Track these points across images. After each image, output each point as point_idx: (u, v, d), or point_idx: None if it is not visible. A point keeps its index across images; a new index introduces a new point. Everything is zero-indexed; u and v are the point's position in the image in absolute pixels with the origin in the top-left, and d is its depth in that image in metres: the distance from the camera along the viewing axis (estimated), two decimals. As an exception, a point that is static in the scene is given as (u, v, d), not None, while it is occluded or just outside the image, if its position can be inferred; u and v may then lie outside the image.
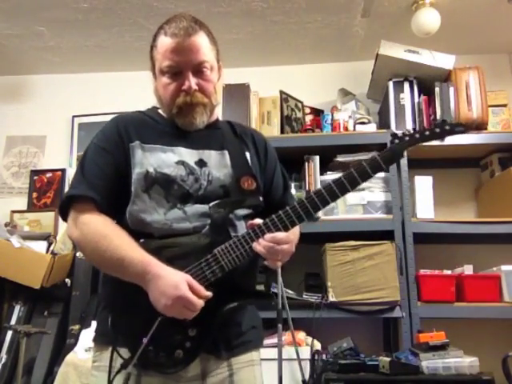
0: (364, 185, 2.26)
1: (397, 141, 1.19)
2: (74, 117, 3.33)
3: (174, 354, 1.10)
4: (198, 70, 1.23)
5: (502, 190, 2.68)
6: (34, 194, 3.24)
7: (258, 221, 1.15)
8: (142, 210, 1.17)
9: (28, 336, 2.19)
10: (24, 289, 2.50)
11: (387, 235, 2.46)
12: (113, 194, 1.18)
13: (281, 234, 1.13)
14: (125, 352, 1.10)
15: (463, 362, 2.09)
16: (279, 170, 1.39)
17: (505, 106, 2.85)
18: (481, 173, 2.94)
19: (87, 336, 2.22)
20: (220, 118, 1.37)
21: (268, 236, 1.12)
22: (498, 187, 2.75)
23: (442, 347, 2.12)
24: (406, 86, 2.80)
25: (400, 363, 2.10)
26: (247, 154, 1.31)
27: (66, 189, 3.22)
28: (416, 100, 2.76)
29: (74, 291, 2.57)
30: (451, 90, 2.66)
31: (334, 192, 1.14)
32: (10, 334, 2.49)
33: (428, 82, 2.74)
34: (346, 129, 2.79)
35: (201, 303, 1.06)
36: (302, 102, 3.01)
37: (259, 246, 1.12)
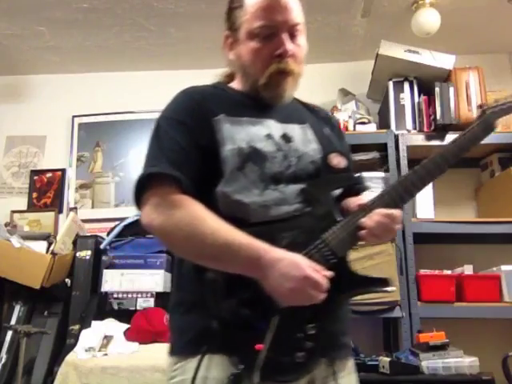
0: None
1: (488, 111, 1.05)
2: (73, 117, 3.33)
3: (295, 357, 0.94)
4: (293, 34, 1.09)
5: (502, 190, 2.68)
6: (34, 194, 3.24)
7: (365, 200, 1.05)
8: (237, 190, 1.00)
9: (28, 336, 2.19)
10: (24, 289, 2.50)
11: (387, 235, 2.46)
12: (196, 175, 1.01)
13: (397, 212, 1.01)
14: (228, 362, 0.94)
15: (463, 361, 2.09)
16: (351, 159, 1.26)
17: (505, 106, 2.84)
18: (481, 173, 2.94)
19: (87, 336, 2.23)
20: None
21: (384, 211, 1.00)
22: (498, 187, 2.75)
23: (442, 347, 2.12)
24: (406, 85, 2.80)
25: (400, 363, 2.11)
26: (326, 131, 1.18)
27: (66, 189, 3.23)
28: (416, 100, 2.76)
29: (74, 291, 2.57)
30: (451, 89, 2.66)
31: (446, 158, 1.03)
32: (9, 333, 2.49)
33: (428, 82, 2.74)
34: (346, 129, 2.78)
35: (326, 283, 0.93)
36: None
37: (369, 220, 1.00)
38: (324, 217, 1.03)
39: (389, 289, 1.02)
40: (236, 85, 1.19)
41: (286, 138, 1.09)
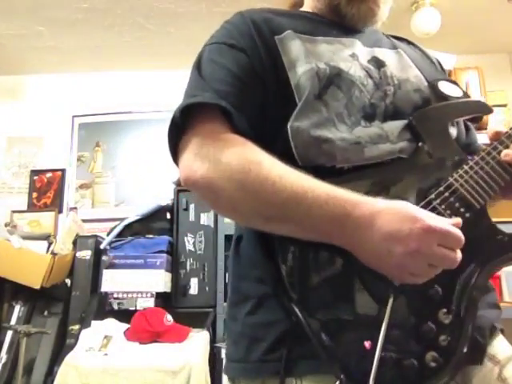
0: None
1: None
2: (73, 117, 3.33)
3: (425, 359, 0.64)
4: None
5: (502, 190, 2.68)
6: (34, 194, 3.24)
7: (501, 128, 0.77)
8: (316, 123, 0.74)
9: (28, 336, 2.19)
10: (24, 289, 2.50)
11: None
12: (251, 107, 0.75)
13: None
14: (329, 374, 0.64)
15: (463, 361, 2.09)
16: None
17: (505, 105, 2.85)
18: None
19: (87, 336, 2.23)
20: None
21: None
22: (498, 187, 2.75)
23: (442, 347, 2.12)
24: (406, 85, 2.80)
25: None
26: (428, 61, 0.97)
27: (66, 189, 3.23)
28: (416, 100, 2.76)
29: (74, 291, 2.57)
30: (451, 89, 2.67)
31: None
32: (9, 334, 2.49)
33: (428, 82, 2.74)
34: (346, 129, 2.78)
35: (461, 234, 0.62)
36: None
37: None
38: (446, 155, 0.75)
39: None
40: (308, 8, 0.95)
41: (377, 62, 0.84)
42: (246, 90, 0.76)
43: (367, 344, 0.62)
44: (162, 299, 2.48)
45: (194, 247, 2.63)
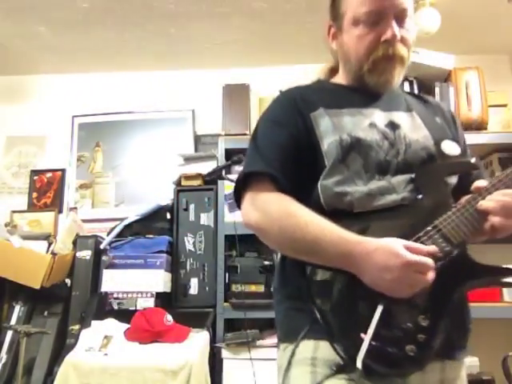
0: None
1: None
2: (73, 117, 3.33)
3: (404, 350, 0.87)
4: (401, 18, 1.06)
5: (501, 190, 2.68)
6: (34, 194, 3.24)
7: (484, 182, 0.97)
8: (340, 181, 0.98)
9: (28, 336, 2.19)
10: (24, 289, 2.50)
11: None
12: (293, 171, 1.01)
13: None
14: (333, 349, 0.91)
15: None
16: (469, 150, 1.19)
17: (505, 105, 2.84)
18: None
19: (87, 336, 2.23)
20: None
21: (501, 191, 0.94)
22: (497, 187, 2.74)
23: (442, 347, 2.12)
24: (406, 86, 2.80)
25: (400, 363, 2.10)
26: (437, 120, 1.13)
27: (66, 189, 3.23)
28: (416, 100, 2.76)
29: (74, 291, 2.57)
30: (451, 89, 2.66)
31: None
32: (9, 334, 2.49)
33: (428, 82, 2.73)
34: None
35: (431, 261, 0.87)
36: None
37: (489, 201, 0.93)
38: (437, 204, 0.96)
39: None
40: (338, 78, 1.17)
41: (393, 125, 1.05)
42: (288, 158, 1.02)
43: (363, 335, 0.88)
44: (162, 299, 2.48)
45: (193, 247, 2.63)
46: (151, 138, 3.24)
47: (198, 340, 2.24)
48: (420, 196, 0.98)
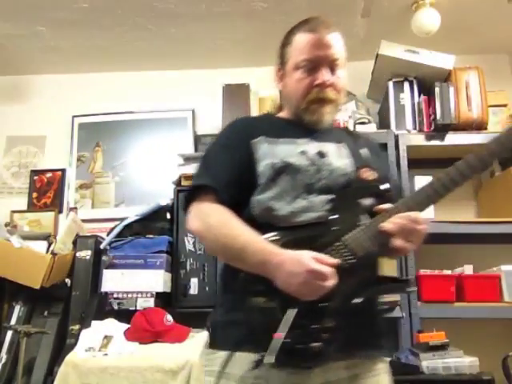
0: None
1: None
2: (73, 117, 3.33)
3: (311, 347, 1.03)
4: (333, 67, 1.26)
5: (502, 190, 2.68)
6: (34, 194, 3.24)
7: (387, 205, 1.12)
8: (270, 197, 1.16)
9: (28, 336, 2.19)
10: (24, 289, 2.50)
11: (387, 235, 2.46)
12: (234, 186, 1.18)
13: (415, 213, 1.08)
14: (249, 356, 1.06)
15: (463, 361, 2.09)
16: (394, 178, 1.41)
17: (505, 105, 2.84)
18: (481, 173, 2.93)
19: (87, 336, 2.23)
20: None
21: (401, 214, 1.07)
22: (498, 187, 2.75)
23: (442, 347, 2.12)
24: (406, 85, 2.80)
25: (400, 363, 2.11)
26: (362, 151, 1.31)
27: (66, 189, 3.23)
28: (416, 100, 2.76)
29: (74, 291, 2.57)
30: (451, 89, 2.66)
31: (468, 169, 1.10)
32: (9, 333, 2.49)
33: (428, 82, 2.74)
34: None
35: (330, 271, 1.01)
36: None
37: (389, 223, 1.07)
38: (347, 222, 1.12)
39: (410, 289, 1.13)
40: (283, 113, 1.36)
41: (321, 154, 1.22)
42: (231, 176, 1.19)
43: (275, 335, 1.01)
44: (162, 299, 2.48)
45: (193, 247, 2.63)
46: (151, 137, 3.24)
47: (198, 340, 2.24)
48: (333, 215, 1.14)
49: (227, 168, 1.20)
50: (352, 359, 1.11)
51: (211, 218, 1.15)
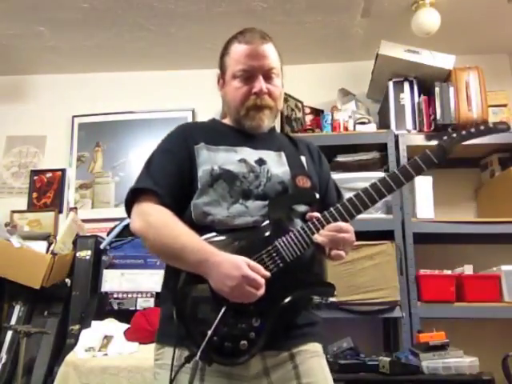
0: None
1: (445, 137, 1.25)
2: (73, 117, 3.33)
3: (239, 345, 1.10)
4: (268, 76, 1.32)
5: (502, 190, 2.68)
6: (34, 194, 3.24)
7: (317, 214, 1.19)
8: (207, 202, 1.21)
9: (28, 336, 2.19)
10: (24, 289, 2.50)
11: (387, 235, 2.46)
12: (175, 190, 1.23)
13: (342, 223, 1.17)
14: (185, 353, 1.11)
15: (463, 362, 2.09)
16: (332, 179, 1.46)
17: (505, 106, 2.84)
18: (481, 173, 2.94)
19: (87, 336, 2.23)
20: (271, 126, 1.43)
21: (329, 226, 1.16)
22: (498, 187, 2.75)
23: (442, 347, 2.12)
24: (406, 85, 2.80)
25: (400, 363, 2.11)
26: (302, 158, 1.37)
27: (66, 189, 3.24)
28: (416, 100, 2.76)
29: (74, 291, 2.57)
30: (451, 90, 2.66)
31: (386, 185, 1.19)
32: (9, 334, 2.49)
33: (428, 82, 2.74)
34: (346, 129, 2.79)
35: (263, 281, 1.08)
36: (302, 102, 3.01)
37: (320, 236, 1.16)
38: (280, 227, 1.19)
39: (330, 298, 1.21)
40: (226, 120, 1.42)
41: (261, 161, 1.28)
42: (172, 180, 1.24)
43: (209, 332, 1.07)
44: (162, 299, 2.48)
45: (193, 247, 2.63)
46: (151, 137, 3.23)
47: (198, 340, 2.24)
48: (266, 220, 1.20)
49: (169, 172, 1.25)
50: (266, 352, 1.16)
51: (152, 218, 1.19)
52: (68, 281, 2.66)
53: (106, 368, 2.03)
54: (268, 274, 1.11)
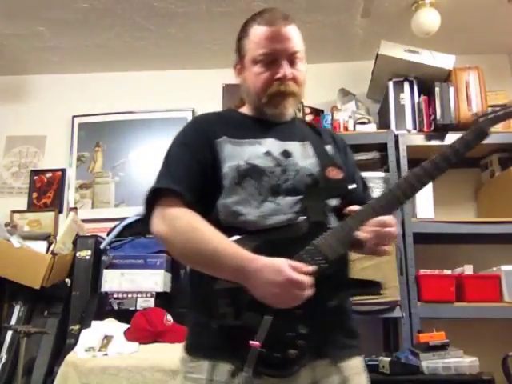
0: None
1: (481, 119, 1.11)
2: (73, 117, 3.33)
3: (287, 354, 1.03)
4: (292, 60, 1.22)
5: (501, 190, 2.68)
6: (34, 194, 3.24)
7: (356, 207, 1.11)
8: (236, 202, 1.12)
9: (28, 336, 2.19)
10: (24, 289, 2.50)
11: (387, 235, 2.46)
12: (198, 188, 1.14)
13: (386, 217, 1.09)
14: (228, 366, 1.04)
15: (463, 362, 2.09)
16: (358, 170, 1.37)
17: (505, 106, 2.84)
18: (481, 173, 2.94)
19: (87, 336, 2.23)
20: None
21: (373, 220, 1.08)
22: (498, 187, 2.75)
23: (442, 347, 2.12)
24: (406, 86, 2.80)
25: (400, 363, 2.11)
26: (327, 148, 1.28)
27: (66, 189, 3.23)
28: (416, 100, 2.76)
29: (74, 291, 2.57)
30: (451, 89, 2.66)
31: (435, 168, 1.08)
32: (9, 334, 2.49)
33: (428, 82, 2.74)
34: (346, 129, 2.78)
35: (309, 280, 1.00)
36: (301, 102, 3.00)
37: (364, 232, 1.08)
38: (317, 224, 1.11)
39: (381, 292, 1.12)
40: (245, 109, 1.32)
41: (286, 153, 1.19)
42: (194, 177, 1.14)
43: (251, 342, 0.99)
44: (162, 299, 2.48)
45: (194, 247, 2.63)
46: (151, 137, 3.23)
47: (198, 340, 2.24)
48: (302, 217, 1.11)
49: (191, 169, 1.15)
50: (318, 360, 1.09)
51: (180, 222, 1.09)
52: (68, 281, 2.66)
53: (106, 368, 2.03)
54: (312, 268, 1.02)
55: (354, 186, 1.19)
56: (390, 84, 2.80)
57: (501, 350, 2.12)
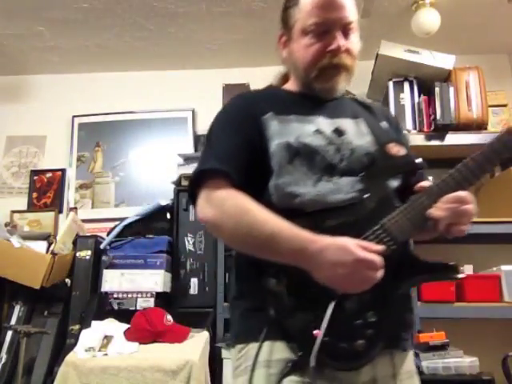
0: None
1: None
2: (73, 117, 3.33)
3: (355, 345, 0.93)
4: (346, 31, 1.13)
5: (501, 190, 2.68)
6: (34, 194, 3.24)
7: (427, 183, 1.03)
8: (290, 182, 1.03)
9: (28, 336, 2.19)
10: (24, 289, 2.50)
11: (387, 235, 2.46)
12: (246, 168, 1.05)
13: (462, 192, 0.99)
14: (289, 348, 0.95)
15: (463, 361, 2.09)
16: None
17: (505, 106, 2.84)
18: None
19: (87, 336, 2.23)
20: None
21: (448, 196, 0.98)
22: (497, 187, 2.75)
23: (442, 347, 2.12)
24: (406, 86, 2.80)
25: (400, 363, 2.10)
26: (383, 124, 1.20)
27: (66, 189, 3.23)
28: (416, 100, 2.76)
29: (74, 291, 2.57)
30: (451, 89, 2.66)
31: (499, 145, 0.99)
32: (9, 334, 2.49)
33: (428, 82, 2.74)
34: (346, 129, 2.78)
35: (380, 260, 0.91)
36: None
37: (438, 210, 0.97)
38: (382, 203, 1.02)
39: (459, 276, 1.01)
40: (289, 85, 1.23)
41: (339, 131, 1.10)
42: (240, 157, 1.06)
43: (316, 332, 0.91)
44: (162, 299, 2.48)
45: (193, 247, 2.63)
46: (151, 137, 3.24)
47: (198, 340, 2.24)
48: (366, 195, 1.02)
49: (236, 148, 1.07)
50: (395, 352, 1.02)
51: (229, 205, 1.00)
52: (68, 281, 2.66)
53: (106, 368, 2.03)
54: (382, 247, 0.93)
55: (421, 160, 1.08)
56: (390, 84, 2.80)
57: (501, 350, 2.12)
